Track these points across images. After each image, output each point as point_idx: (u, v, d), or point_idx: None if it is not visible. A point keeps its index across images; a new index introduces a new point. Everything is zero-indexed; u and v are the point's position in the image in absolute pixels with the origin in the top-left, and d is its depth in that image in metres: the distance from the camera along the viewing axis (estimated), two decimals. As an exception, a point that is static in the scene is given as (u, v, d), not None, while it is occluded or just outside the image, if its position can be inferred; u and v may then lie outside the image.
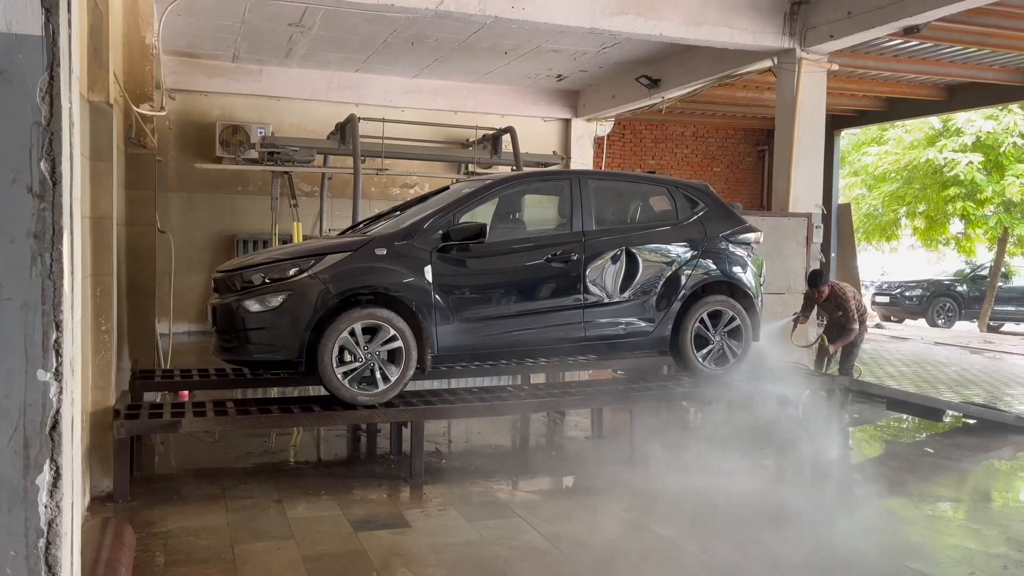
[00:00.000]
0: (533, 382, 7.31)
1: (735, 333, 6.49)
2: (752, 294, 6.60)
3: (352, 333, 5.28)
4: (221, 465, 5.88)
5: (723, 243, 6.55)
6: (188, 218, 12.23)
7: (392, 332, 5.36)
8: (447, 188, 6.59)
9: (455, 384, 7.31)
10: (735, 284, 6.54)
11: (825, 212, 11.84)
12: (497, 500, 5.09)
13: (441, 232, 5.59)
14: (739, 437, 6.41)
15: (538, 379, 7.52)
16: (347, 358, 5.29)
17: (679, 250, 6.40)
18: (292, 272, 5.33)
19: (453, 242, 5.58)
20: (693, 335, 6.34)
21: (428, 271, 5.50)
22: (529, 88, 13.82)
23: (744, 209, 7.44)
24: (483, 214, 6.06)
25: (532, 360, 6.55)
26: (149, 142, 6.95)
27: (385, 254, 5.44)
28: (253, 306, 5.27)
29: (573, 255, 5.97)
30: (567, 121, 14.48)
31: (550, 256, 5.92)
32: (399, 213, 6.25)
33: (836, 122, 14.81)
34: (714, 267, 6.47)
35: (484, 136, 12.49)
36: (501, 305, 5.79)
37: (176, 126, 12.24)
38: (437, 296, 5.52)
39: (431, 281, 5.50)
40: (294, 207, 11.36)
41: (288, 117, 12.77)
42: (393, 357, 5.39)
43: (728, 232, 6.59)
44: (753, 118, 15.76)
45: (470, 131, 12.78)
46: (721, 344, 6.44)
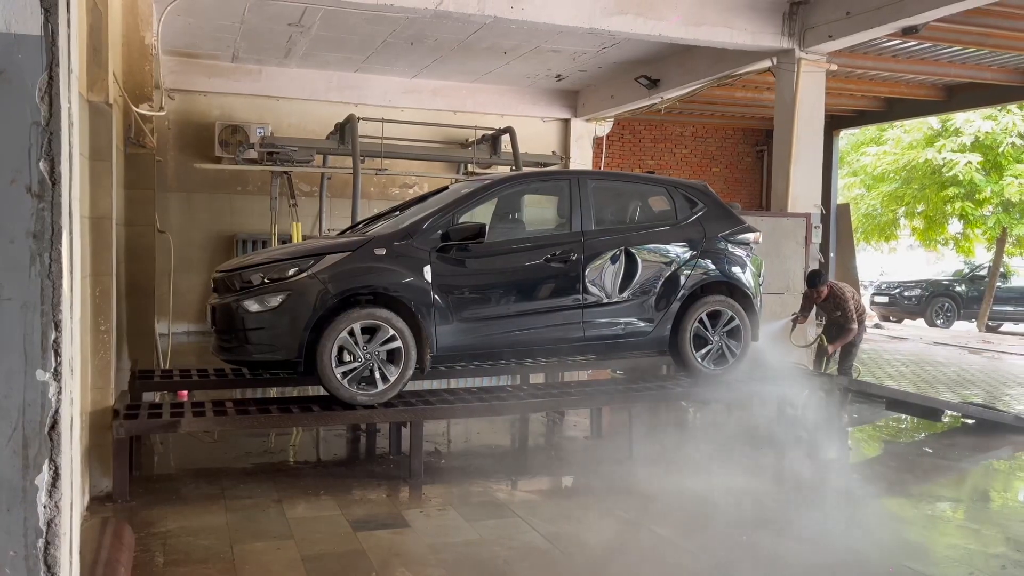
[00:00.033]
0: (532, 382, 7.31)
1: (734, 333, 6.49)
2: (751, 294, 6.60)
3: (351, 333, 5.28)
4: (220, 465, 5.87)
5: (722, 243, 6.55)
6: (187, 218, 12.22)
7: (391, 332, 5.36)
8: (446, 188, 6.59)
9: (454, 384, 7.30)
10: (734, 284, 6.54)
11: (824, 212, 11.85)
12: (496, 500, 5.09)
13: (440, 232, 5.59)
14: (738, 437, 6.41)
15: (537, 379, 7.52)
16: (346, 358, 5.29)
17: (678, 250, 6.40)
18: (291, 272, 5.33)
19: (452, 242, 5.58)
20: (692, 335, 6.34)
21: (427, 271, 5.50)
22: (528, 88, 13.82)
23: (743, 209, 7.44)
24: (482, 214, 6.06)
25: (531, 360, 6.56)
26: (148, 142, 6.94)
27: (384, 254, 5.44)
28: (252, 306, 5.27)
29: (572, 255, 5.97)
30: (566, 121, 14.48)
31: (549, 256, 5.92)
32: (398, 213, 6.25)
33: (835, 122, 14.81)
34: (713, 267, 6.47)
35: (483, 136, 12.49)
36: (500, 305, 5.79)
37: (175, 126, 12.23)
38: (436, 296, 5.52)
39: (430, 281, 5.50)
40: (293, 207, 11.37)
41: (287, 117, 12.77)
42: (392, 357, 5.39)
43: (727, 232, 6.60)
44: (752, 118, 15.76)
45: (469, 131, 12.78)
46: (720, 344, 6.45)
